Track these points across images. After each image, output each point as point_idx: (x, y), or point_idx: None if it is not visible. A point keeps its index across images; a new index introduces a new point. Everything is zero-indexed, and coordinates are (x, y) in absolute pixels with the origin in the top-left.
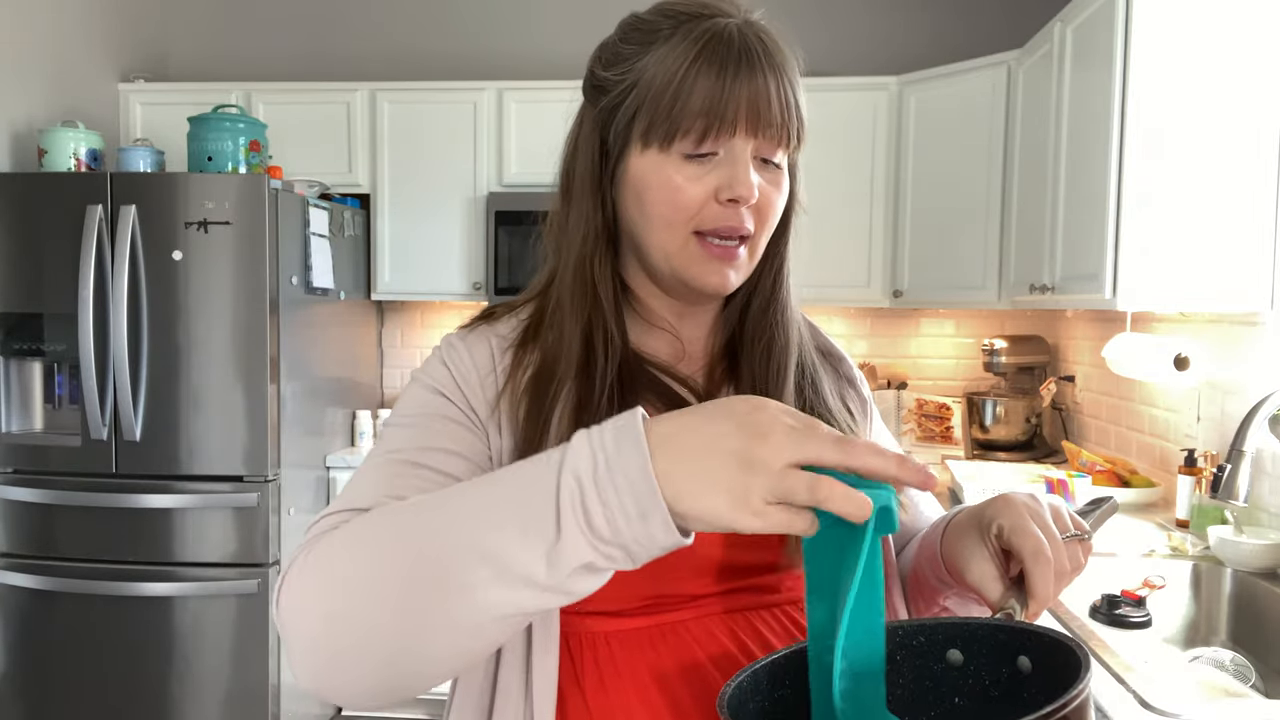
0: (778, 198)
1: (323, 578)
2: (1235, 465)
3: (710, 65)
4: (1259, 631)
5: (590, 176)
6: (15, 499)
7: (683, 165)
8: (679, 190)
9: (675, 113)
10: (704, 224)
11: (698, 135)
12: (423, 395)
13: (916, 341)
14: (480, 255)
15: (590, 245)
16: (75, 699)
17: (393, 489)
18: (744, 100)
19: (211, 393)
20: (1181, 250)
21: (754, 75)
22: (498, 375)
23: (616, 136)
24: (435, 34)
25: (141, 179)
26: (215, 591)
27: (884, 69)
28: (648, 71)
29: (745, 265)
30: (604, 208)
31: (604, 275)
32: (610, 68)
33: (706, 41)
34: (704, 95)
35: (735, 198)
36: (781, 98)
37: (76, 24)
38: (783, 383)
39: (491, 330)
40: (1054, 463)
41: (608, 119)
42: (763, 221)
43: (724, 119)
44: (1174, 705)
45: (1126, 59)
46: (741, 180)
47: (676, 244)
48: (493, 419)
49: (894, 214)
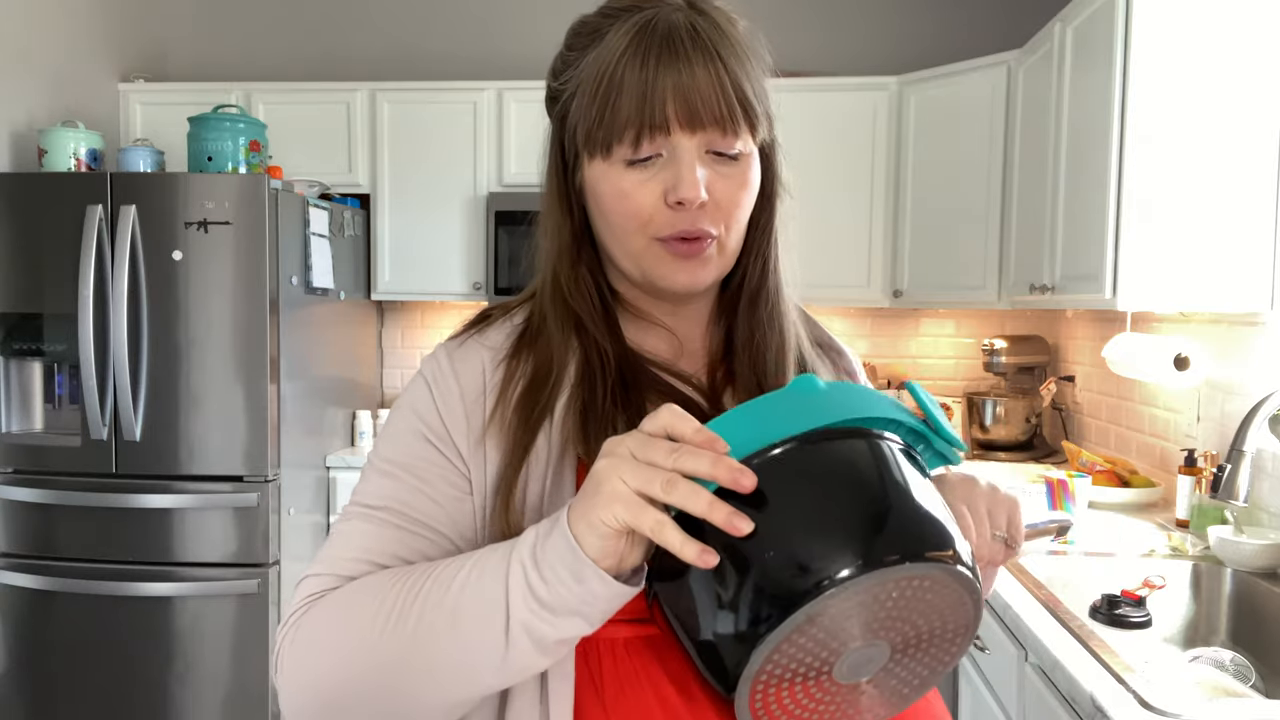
0: (740, 191)
1: (309, 674)
2: (1235, 465)
3: (634, 60)
4: (1259, 631)
5: (556, 189)
6: (15, 499)
7: (626, 172)
8: (627, 198)
9: (607, 119)
10: (660, 230)
11: (632, 140)
12: (404, 437)
13: (916, 341)
14: (480, 255)
15: (564, 258)
16: (75, 699)
17: (371, 553)
18: (670, 94)
19: (211, 393)
20: (1181, 250)
21: (679, 66)
22: (487, 397)
23: (570, 147)
24: (435, 34)
25: (141, 179)
26: (215, 591)
27: (884, 69)
28: (583, 75)
29: (717, 260)
30: (573, 218)
31: (578, 288)
32: (558, 76)
33: (633, 35)
34: (631, 95)
35: (680, 200)
36: (718, 84)
37: (76, 24)
38: (781, 376)
39: (483, 341)
40: (1054, 463)
41: (560, 129)
42: (726, 217)
43: (654, 118)
44: (1174, 705)
45: (1126, 59)
46: (685, 180)
47: (638, 249)
48: (479, 449)
49: (894, 214)
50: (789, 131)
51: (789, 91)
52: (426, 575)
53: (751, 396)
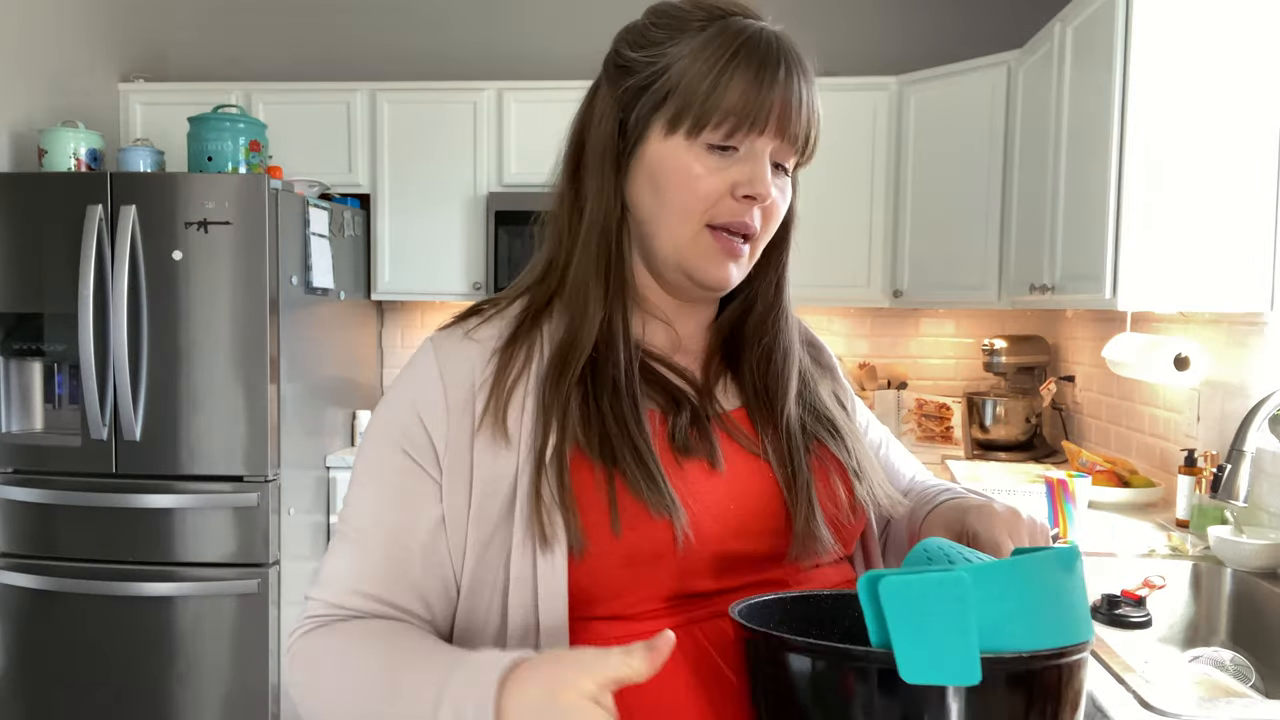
0: (784, 203)
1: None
2: (1235, 465)
3: (750, 63)
4: (1259, 631)
5: (608, 154)
6: (15, 499)
7: (704, 155)
8: (698, 179)
9: (709, 104)
10: (717, 217)
11: (728, 129)
12: (383, 449)
13: (916, 341)
14: (480, 255)
15: (613, 219)
16: (75, 699)
17: (361, 582)
18: (777, 102)
19: (211, 393)
20: (1181, 250)
21: (790, 80)
22: (477, 395)
23: (639, 119)
24: (435, 34)
25: (141, 179)
26: (215, 591)
27: (884, 69)
28: (681, 59)
29: (746, 264)
30: (619, 184)
31: (624, 241)
32: (639, 49)
33: (745, 40)
34: (740, 91)
35: (753, 194)
36: (808, 107)
37: (76, 24)
38: (787, 390)
39: (473, 336)
40: (1054, 463)
41: (631, 100)
42: (768, 223)
43: (756, 117)
44: (1174, 705)
45: (1126, 59)
46: (760, 178)
47: (688, 234)
48: (466, 451)
49: (894, 214)
50: None
51: None
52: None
53: (751, 401)
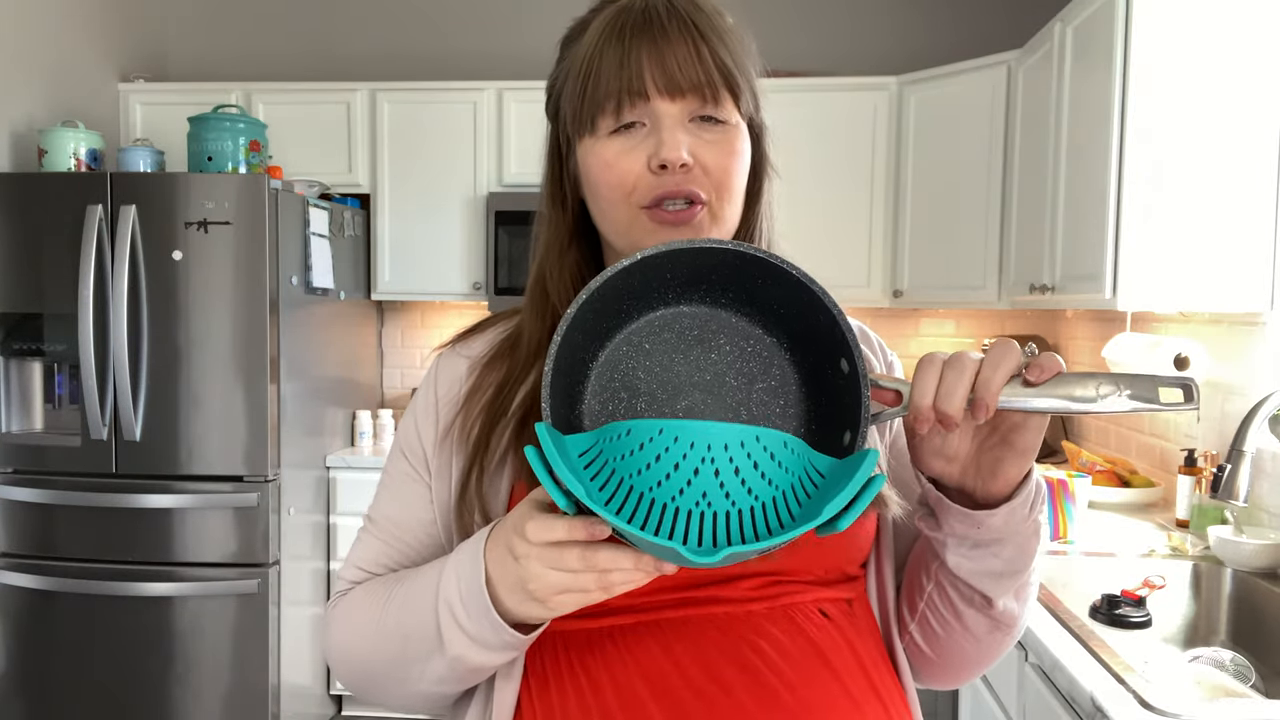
0: (729, 158)
1: (339, 656)
2: (1235, 465)
3: (614, 37)
4: (1259, 631)
5: (553, 182)
6: (15, 499)
7: (610, 141)
8: (612, 166)
9: (589, 94)
10: (643, 198)
11: (614, 109)
12: (394, 451)
13: (916, 341)
14: (480, 255)
15: (551, 251)
16: (75, 699)
17: (378, 563)
18: (649, 62)
19: (211, 393)
20: (1181, 250)
21: (656, 36)
22: (457, 405)
23: (564, 136)
24: (435, 34)
25: (141, 179)
26: (215, 591)
27: (884, 69)
28: (570, 65)
29: (710, 228)
30: (566, 210)
31: (560, 277)
32: (555, 67)
33: (612, 18)
34: (610, 67)
35: (663, 162)
36: (694, 52)
37: (76, 24)
38: None
39: (466, 351)
40: (1054, 463)
41: (555, 122)
42: (718, 185)
43: (632, 85)
44: (1174, 705)
45: (1126, 59)
46: (666, 143)
47: (626, 222)
48: (444, 454)
49: (894, 214)
50: (789, 132)
51: (789, 91)
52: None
53: None
